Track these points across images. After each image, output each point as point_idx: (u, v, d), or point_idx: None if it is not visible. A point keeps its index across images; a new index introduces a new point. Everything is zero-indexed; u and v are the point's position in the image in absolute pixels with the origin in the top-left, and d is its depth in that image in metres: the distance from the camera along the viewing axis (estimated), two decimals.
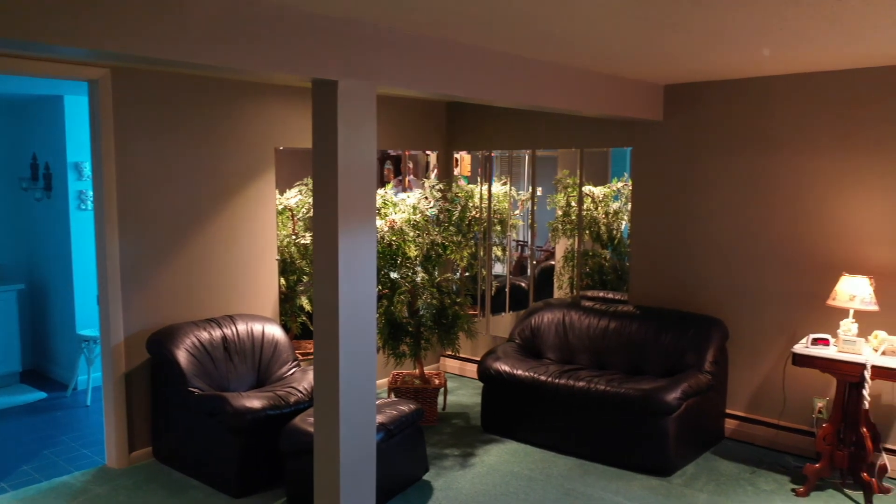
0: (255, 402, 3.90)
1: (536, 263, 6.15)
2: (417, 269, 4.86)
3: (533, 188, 5.86)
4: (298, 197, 5.13)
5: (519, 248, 6.36)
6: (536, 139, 5.68)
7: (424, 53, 3.22)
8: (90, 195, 5.71)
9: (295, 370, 4.52)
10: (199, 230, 4.53)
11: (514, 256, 6.33)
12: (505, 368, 4.70)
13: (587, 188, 5.67)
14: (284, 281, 5.14)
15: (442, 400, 5.36)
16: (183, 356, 4.08)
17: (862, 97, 4.16)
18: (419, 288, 4.87)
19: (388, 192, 5.21)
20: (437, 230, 4.95)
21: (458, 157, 6.35)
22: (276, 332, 4.58)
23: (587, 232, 5.73)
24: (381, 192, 5.12)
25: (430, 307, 4.94)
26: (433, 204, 5.02)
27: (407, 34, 3.12)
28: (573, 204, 5.69)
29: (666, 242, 5.01)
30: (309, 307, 5.17)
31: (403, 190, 5.87)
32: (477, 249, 6.08)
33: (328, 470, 3.13)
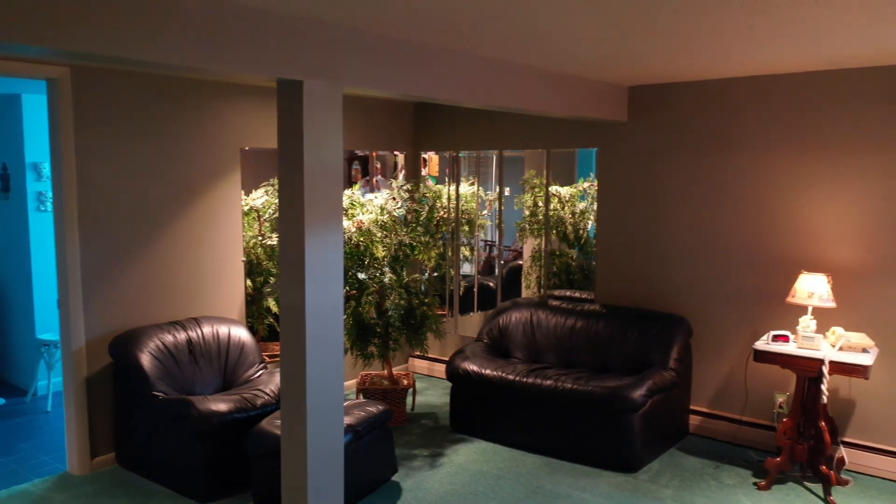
0: (221, 405, 3.85)
1: (504, 263, 6.18)
2: (385, 269, 4.85)
3: (500, 188, 5.89)
4: (265, 198, 5.08)
5: (487, 247, 6.38)
6: (503, 139, 5.71)
7: (391, 54, 3.22)
8: (49, 196, 5.58)
9: (262, 372, 4.48)
10: (163, 231, 4.47)
11: (482, 256, 6.36)
12: (473, 368, 4.72)
13: (554, 188, 5.72)
14: (251, 282, 5.09)
15: (411, 400, 5.35)
16: (146, 360, 4.01)
17: (820, 100, 4.27)
18: (387, 288, 4.87)
19: (355, 192, 5.19)
20: (404, 230, 4.95)
21: (426, 157, 6.36)
22: (242, 334, 4.54)
23: (554, 232, 5.78)
24: (348, 192, 5.10)
25: (398, 308, 4.93)
26: (401, 204, 5.02)
27: (373, 35, 3.11)
28: (540, 204, 5.74)
29: (631, 242, 5.08)
30: (276, 309, 5.12)
31: (371, 190, 5.85)
32: (445, 249, 6.09)
33: (295, 473, 3.11)
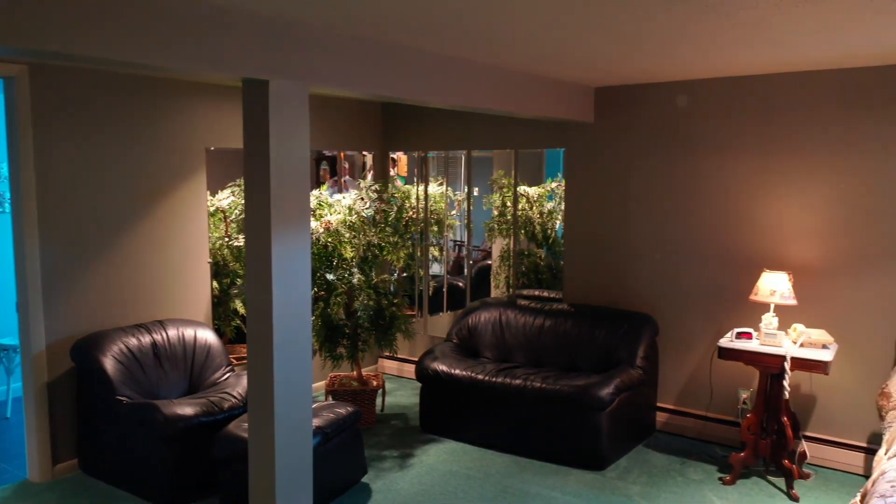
0: (187, 408, 3.80)
1: (473, 263, 6.20)
2: (354, 270, 4.83)
3: (469, 188, 5.91)
4: (231, 198, 5.02)
5: (456, 248, 6.39)
6: (472, 140, 5.73)
7: (358, 54, 3.20)
8: (7, 197, 5.44)
9: (229, 375, 4.42)
10: (126, 233, 4.39)
11: (451, 256, 6.37)
12: (442, 368, 4.72)
13: (522, 188, 5.75)
14: (217, 284, 5.03)
15: (380, 401, 5.34)
16: (110, 363, 3.94)
17: (782, 102, 4.35)
18: (356, 289, 4.85)
19: (322, 192, 5.16)
20: (373, 231, 4.93)
21: (395, 157, 6.35)
22: (208, 336, 4.48)
23: (522, 232, 5.81)
24: (315, 192, 5.07)
25: (367, 308, 4.91)
26: (369, 205, 5.00)
27: (340, 34, 3.09)
28: (508, 204, 5.77)
29: (598, 241, 5.13)
30: (243, 310, 5.07)
31: (339, 191, 5.83)
32: (414, 250, 6.08)
33: (264, 476, 3.08)
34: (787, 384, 3.92)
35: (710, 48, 3.50)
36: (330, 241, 4.75)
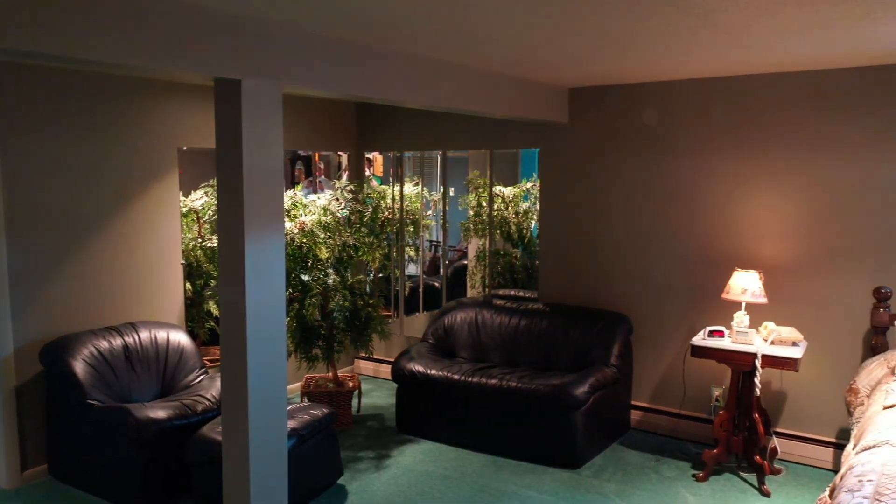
0: (159, 412, 3.76)
1: (449, 263, 6.20)
2: (329, 270, 4.80)
3: (444, 188, 5.91)
4: (204, 199, 4.97)
5: (432, 248, 6.40)
6: (447, 140, 5.73)
7: (331, 54, 3.19)
8: None
9: (203, 377, 4.38)
10: (96, 234, 4.32)
11: (427, 257, 6.36)
12: (419, 368, 4.72)
13: (497, 188, 5.77)
14: (191, 286, 4.97)
15: (356, 402, 5.32)
16: (80, 367, 3.88)
17: (752, 102, 4.42)
18: (331, 290, 4.82)
19: (297, 193, 5.13)
20: (348, 231, 4.91)
21: (371, 157, 6.33)
22: (181, 338, 4.43)
23: (498, 231, 5.83)
24: (290, 193, 5.04)
25: (342, 309, 4.89)
26: (344, 205, 4.98)
27: (313, 34, 3.08)
28: (484, 204, 5.78)
29: (573, 241, 5.16)
30: (217, 312, 5.02)
31: (314, 191, 5.80)
32: (390, 250, 6.07)
33: (238, 479, 3.06)
34: (758, 381, 3.98)
35: (683, 50, 3.54)
36: (305, 241, 4.72)
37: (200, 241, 4.94)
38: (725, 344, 4.12)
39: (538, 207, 5.37)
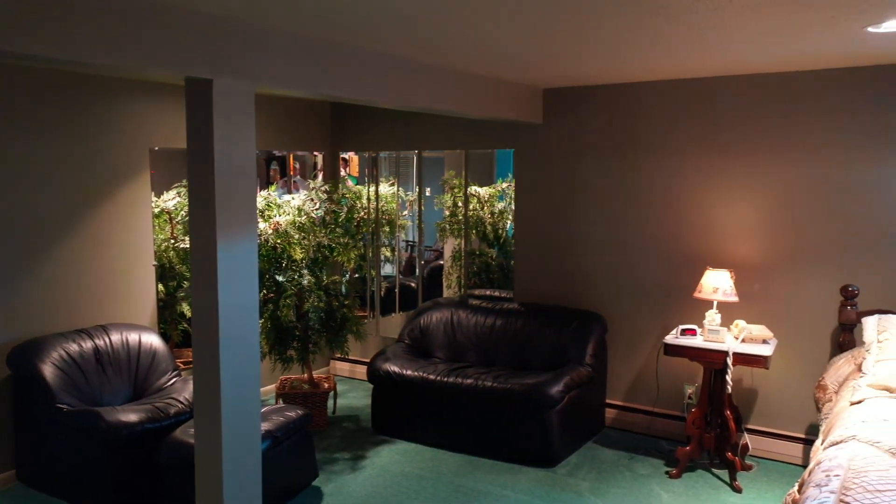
0: (131, 415, 3.71)
1: (425, 263, 6.20)
2: (304, 271, 4.78)
3: (420, 189, 5.91)
4: (177, 199, 4.92)
5: (408, 248, 6.39)
6: (422, 140, 5.73)
7: (305, 54, 3.17)
8: None
9: (175, 380, 4.33)
10: (66, 235, 4.25)
11: (403, 257, 6.36)
12: (394, 369, 4.71)
13: (473, 189, 5.78)
14: (163, 287, 4.91)
15: (332, 403, 5.30)
16: (49, 370, 3.81)
17: (723, 104, 4.47)
18: (306, 291, 4.80)
19: (271, 193, 5.10)
20: (323, 232, 4.89)
21: (347, 157, 6.31)
22: (153, 340, 4.38)
23: (474, 232, 5.84)
24: (264, 193, 5.00)
25: (317, 310, 4.87)
26: (319, 205, 4.95)
27: (286, 34, 3.06)
28: (460, 204, 5.78)
29: (548, 241, 5.19)
30: (190, 313, 4.96)
31: (289, 191, 5.76)
32: (365, 251, 6.05)
33: (211, 482, 3.03)
34: (729, 379, 4.03)
35: (653, 51, 3.58)
36: (279, 242, 4.69)
37: (173, 241, 4.89)
38: (697, 342, 4.17)
39: (513, 207, 5.39)
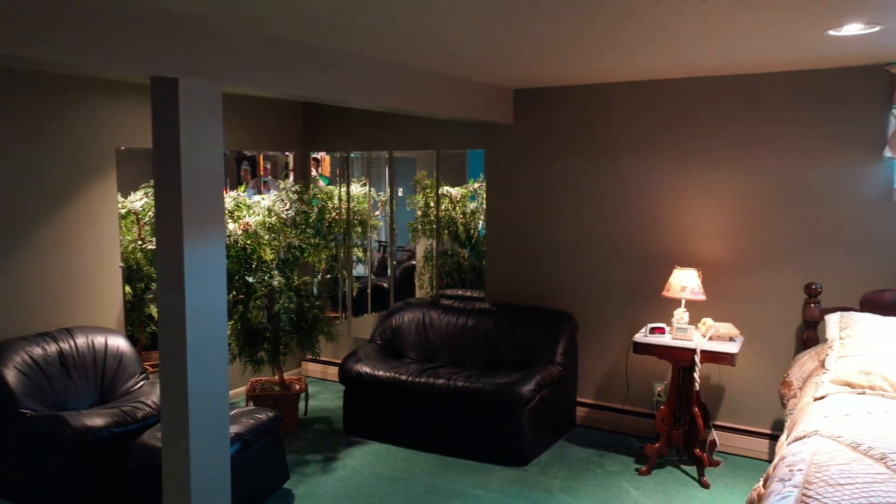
0: (97, 420, 3.65)
1: (397, 264, 6.19)
2: (274, 272, 4.74)
3: (391, 189, 5.89)
4: (144, 200, 4.84)
5: (381, 248, 6.37)
6: (394, 140, 5.72)
7: (273, 53, 3.15)
8: None
9: (143, 383, 4.27)
10: (29, 236, 4.17)
11: (375, 257, 6.34)
12: (366, 370, 4.70)
13: (445, 189, 5.78)
14: (131, 289, 4.84)
15: (303, 405, 5.27)
16: (11, 375, 3.73)
17: (690, 105, 4.54)
18: (276, 292, 4.76)
19: (241, 193, 5.05)
20: (293, 233, 4.86)
21: (319, 158, 6.27)
22: (120, 343, 4.31)
23: (446, 232, 5.84)
24: (233, 194, 4.95)
25: (288, 311, 4.84)
26: (290, 206, 4.92)
27: (253, 33, 3.03)
28: (431, 204, 5.78)
29: (519, 241, 5.21)
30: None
31: (259, 192, 5.71)
32: (337, 251, 6.03)
33: (178, 487, 2.99)
34: (697, 376, 4.09)
35: (621, 53, 3.61)
36: (249, 243, 4.65)
37: (141, 243, 4.81)
38: (666, 340, 4.22)
39: (485, 207, 5.40)
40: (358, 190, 6.10)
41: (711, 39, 3.26)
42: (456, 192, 5.93)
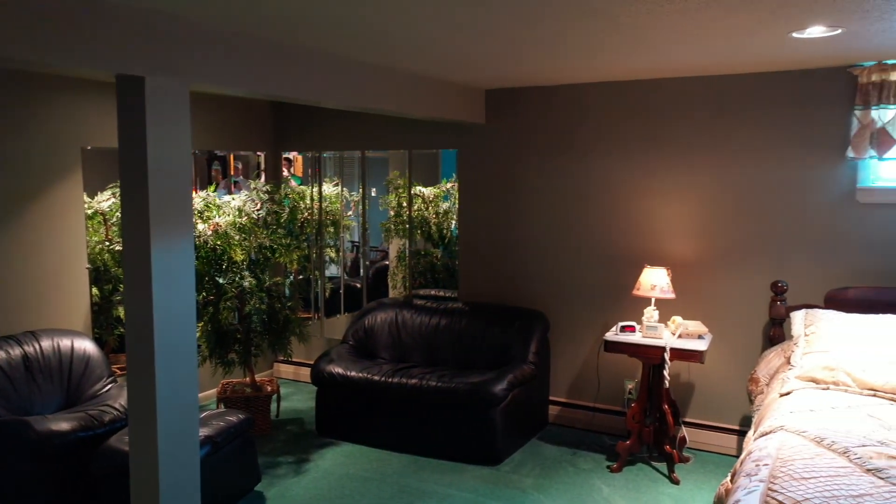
0: (63, 424, 3.58)
1: (370, 264, 6.17)
2: (245, 273, 4.70)
3: (364, 189, 5.88)
4: (112, 200, 4.77)
5: (353, 248, 6.35)
6: (366, 140, 5.70)
7: (242, 51, 3.12)
8: None
9: (111, 386, 4.20)
10: None
11: (348, 258, 6.31)
12: (338, 370, 4.68)
13: (418, 189, 5.78)
14: (98, 291, 4.76)
15: (275, 407, 5.22)
16: None
17: (659, 106, 4.59)
18: (247, 293, 4.72)
19: (210, 194, 4.99)
20: (264, 233, 4.82)
21: (291, 157, 6.23)
22: (87, 346, 4.23)
23: (419, 232, 5.84)
24: (202, 194, 4.90)
25: (259, 312, 4.79)
26: (260, 206, 4.88)
27: (221, 31, 3.00)
28: (404, 204, 5.78)
29: (492, 240, 5.23)
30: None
31: (230, 192, 5.65)
32: (310, 251, 5.99)
33: (146, 491, 2.95)
34: (667, 374, 4.13)
35: (591, 54, 3.64)
36: (219, 243, 4.60)
37: (108, 244, 4.74)
38: (636, 338, 4.26)
39: (458, 207, 5.41)
40: (330, 190, 6.07)
41: (679, 41, 3.30)
42: (429, 192, 5.93)
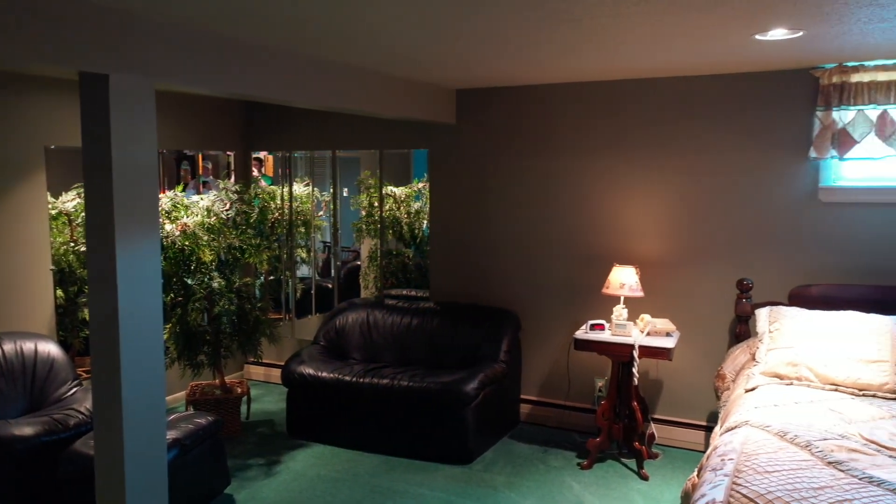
0: (26, 429, 3.52)
1: (342, 264, 6.15)
2: (214, 274, 4.65)
3: (335, 189, 5.85)
4: (77, 201, 4.69)
5: (325, 249, 6.32)
6: (337, 140, 5.68)
7: (208, 50, 3.09)
8: None
9: (76, 390, 4.13)
10: None
11: (319, 258, 6.28)
12: (309, 371, 4.65)
13: (389, 189, 5.77)
14: (63, 293, 4.68)
15: (245, 409, 5.18)
16: None
17: (627, 106, 4.64)
18: (216, 294, 4.67)
19: (178, 193, 4.93)
20: (234, 233, 4.77)
21: (262, 157, 6.18)
22: (51, 349, 4.15)
23: (390, 232, 5.83)
24: (170, 194, 4.84)
25: (228, 313, 4.75)
26: (230, 206, 4.83)
27: (187, 29, 2.97)
28: (376, 204, 5.77)
29: (463, 240, 5.24)
30: None
31: (198, 192, 5.59)
32: (280, 252, 5.95)
33: (112, 495, 2.90)
34: (636, 371, 4.18)
35: (558, 54, 3.67)
36: (187, 244, 4.55)
37: (73, 245, 4.66)
38: (606, 336, 4.30)
39: (429, 207, 5.41)
40: (301, 190, 6.03)
41: (643, 43, 3.34)
42: (400, 191, 5.92)
